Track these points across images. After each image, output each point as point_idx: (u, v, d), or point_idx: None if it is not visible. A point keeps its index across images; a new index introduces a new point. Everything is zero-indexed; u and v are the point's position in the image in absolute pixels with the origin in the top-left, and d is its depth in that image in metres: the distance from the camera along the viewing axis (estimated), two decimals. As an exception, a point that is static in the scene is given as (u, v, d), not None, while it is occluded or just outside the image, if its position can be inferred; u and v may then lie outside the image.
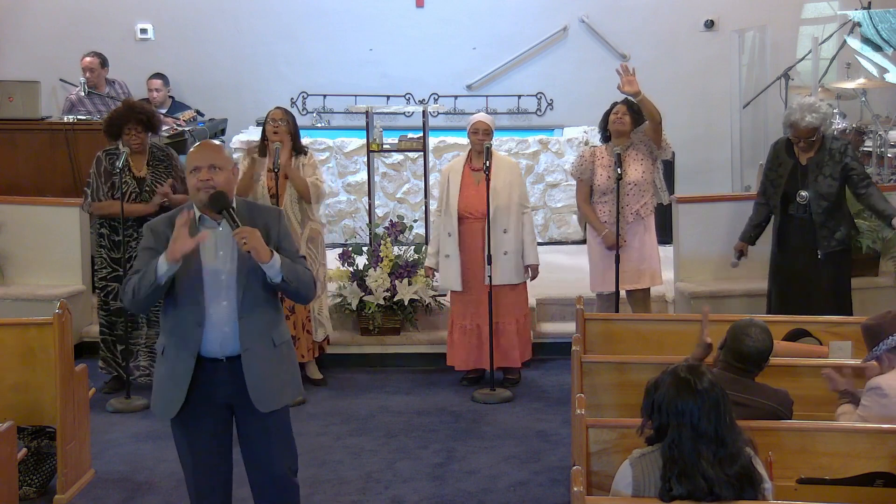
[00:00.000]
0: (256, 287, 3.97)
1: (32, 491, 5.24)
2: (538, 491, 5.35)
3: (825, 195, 6.25)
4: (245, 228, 3.86)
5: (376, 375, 7.19)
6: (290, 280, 3.95)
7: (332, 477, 5.49)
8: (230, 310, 3.95)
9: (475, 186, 6.73)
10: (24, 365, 5.29)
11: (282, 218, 4.13)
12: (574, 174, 6.95)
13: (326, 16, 10.59)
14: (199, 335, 3.94)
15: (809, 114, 6.15)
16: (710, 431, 3.36)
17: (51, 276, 7.45)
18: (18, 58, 10.32)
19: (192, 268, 3.94)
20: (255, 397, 3.97)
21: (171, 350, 4.02)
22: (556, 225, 9.69)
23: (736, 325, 4.34)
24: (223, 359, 3.98)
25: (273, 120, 6.70)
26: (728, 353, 4.28)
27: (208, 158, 3.97)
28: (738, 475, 3.35)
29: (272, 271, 3.91)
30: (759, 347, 4.26)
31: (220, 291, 3.96)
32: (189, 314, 3.95)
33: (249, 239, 3.83)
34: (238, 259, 3.96)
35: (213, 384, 3.98)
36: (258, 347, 3.98)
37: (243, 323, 3.95)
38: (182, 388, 3.95)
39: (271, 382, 4.01)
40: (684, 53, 10.49)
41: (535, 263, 6.79)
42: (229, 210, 3.89)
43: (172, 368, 3.99)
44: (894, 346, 4.39)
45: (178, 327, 3.99)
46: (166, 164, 6.68)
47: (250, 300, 3.96)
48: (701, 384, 3.42)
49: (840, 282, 6.36)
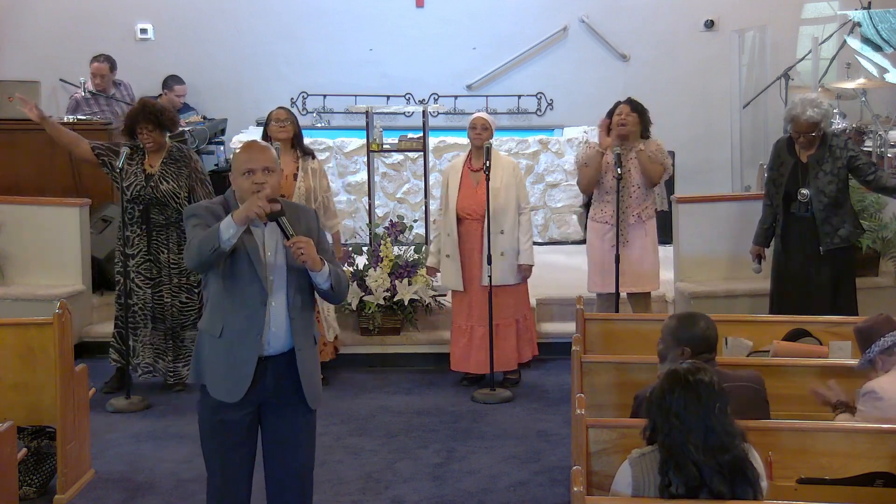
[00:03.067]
0: (304, 289, 4.04)
1: (32, 491, 5.24)
2: (538, 491, 5.35)
3: (826, 192, 6.25)
4: (301, 239, 3.88)
5: (376, 375, 7.19)
6: (335, 286, 4.02)
7: (332, 477, 5.49)
8: (279, 309, 3.98)
9: (473, 187, 6.73)
10: (24, 365, 5.29)
11: (318, 219, 4.20)
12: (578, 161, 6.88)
13: (326, 16, 10.60)
14: (264, 316, 3.92)
15: (811, 108, 6.15)
16: (696, 420, 3.37)
17: (51, 276, 7.45)
18: (18, 58, 10.32)
19: (246, 258, 3.92)
20: (309, 393, 4.03)
21: (230, 335, 3.96)
22: (556, 225, 9.70)
23: (681, 327, 4.25)
24: (269, 356, 3.99)
25: (278, 120, 6.69)
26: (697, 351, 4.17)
27: (262, 161, 3.95)
28: (730, 465, 3.36)
29: (321, 278, 3.97)
30: (714, 328, 4.25)
31: (271, 291, 3.98)
32: (252, 294, 3.93)
33: (306, 249, 3.86)
34: (286, 260, 3.98)
35: (260, 380, 3.98)
36: (306, 345, 4.05)
37: (294, 322, 3.99)
38: (249, 374, 3.94)
39: (317, 379, 4.12)
40: (684, 53, 10.49)
41: (527, 264, 6.75)
42: (282, 219, 3.87)
43: (236, 353, 3.96)
44: (887, 348, 4.40)
45: (239, 310, 3.94)
46: (180, 165, 6.65)
47: (299, 301, 4.02)
48: (689, 377, 3.44)
49: (843, 280, 6.36)
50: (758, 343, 5.23)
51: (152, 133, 6.58)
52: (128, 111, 6.99)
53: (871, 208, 7.39)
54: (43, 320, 5.35)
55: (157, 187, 6.56)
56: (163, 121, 6.64)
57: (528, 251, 6.75)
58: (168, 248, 6.61)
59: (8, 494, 4.39)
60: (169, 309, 6.65)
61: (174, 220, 6.58)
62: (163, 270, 6.61)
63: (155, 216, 6.59)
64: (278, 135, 6.67)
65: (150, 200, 6.55)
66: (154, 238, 6.58)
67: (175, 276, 6.62)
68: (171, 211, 6.57)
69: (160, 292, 6.62)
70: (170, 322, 6.66)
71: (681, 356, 4.18)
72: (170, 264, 6.59)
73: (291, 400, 4.04)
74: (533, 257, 6.81)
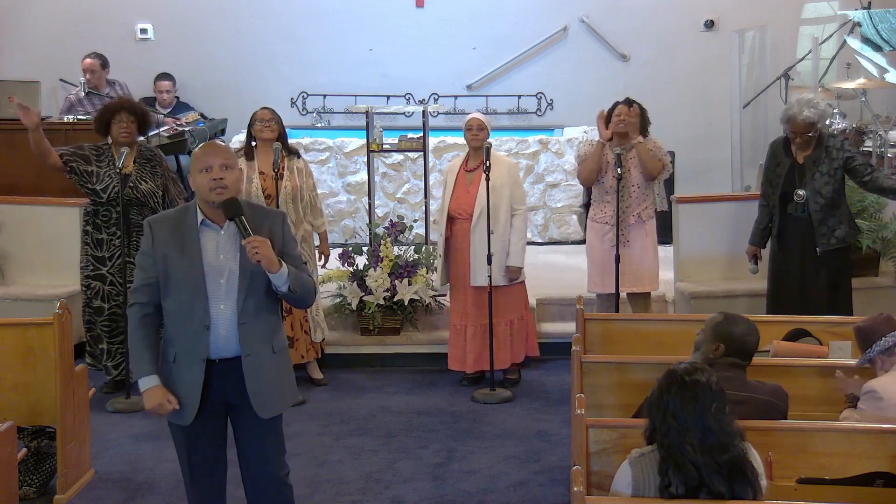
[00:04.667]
0: (259, 292, 3.95)
1: (32, 491, 5.24)
2: (538, 491, 5.34)
3: (822, 192, 6.25)
4: (256, 238, 3.82)
5: (376, 375, 7.19)
6: (296, 289, 3.93)
7: (332, 477, 5.49)
8: (230, 314, 3.92)
9: (466, 187, 6.74)
10: (24, 365, 5.29)
11: (285, 222, 4.09)
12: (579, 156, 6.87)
13: (326, 16, 10.60)
14: (207, 340, 3.91)
15: (807, 108, 6.15)
16: (693, 420, 3.37)
17: (51, 276, 7.46)
18: (18, 58, 10.32)
19: (195, 269, 3.91)
20: (256, 403, 3.97)
21: (179, 356, 3.97)
22: (556, 225, 9.69)
23: (724, 324, 4.27)
24: (221, 360, 3.96)
25: (262, 120, 6.63)
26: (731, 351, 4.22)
27: (219, 157, 3.92)
28: (729, 464, 3.36)
29: (279, 281, 3.90)
30: (757, 336, 4.27)
31: (219, 295, 3.92)
32: (194, 319, 3.91)
33: (261, 249, 3.81)
34: (241, 263, 3.92)
35: (211, 385, 3.97)
36: (258, 353, 3.96)
37: (244, 328, 3.93)
38: (196, 395, 3.94)
39: (271, 388, 4.01)
40: (684, 53, 10.49)
41: (515, 265, 6.68)
42: (241, 218, 3.85)
43: (182, 375, 3.97)
44: (887, 348, 4.40)
45: (182, 332, 3.95)
46: (154, 164, 6.63)
47: (252, 305, 3.93)
48: (686, 377, 3.45)
49: (840, 281, 6.35)
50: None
51: (132, 125, 6.51)
52: (101, 107, 6.88)
53: (871, 208, 7.40)
54: (43, 320, 5.35)
55: (136, 187, 6.51)
56: (146, 119, 6.62)
57: (517, 253, 6.69)
58: None
59: (8, 494, 4.39)
60: None
61: None
62: None
63: (134, 216, 6.53)
64: (263, 135, 6.62)
65: (129, 201, 6.50)
66: (134, 239, 6.51)
67: None
68: (149, 211, 6.53)
69: None
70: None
71: (714, 351, 4.23)
72: None
73: (246, 406, 3.99)
74: (522, 259, 6.74)
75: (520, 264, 6.73)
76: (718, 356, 4.21)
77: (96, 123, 6.63)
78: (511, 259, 6.67)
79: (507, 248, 6.66)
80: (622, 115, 6.63)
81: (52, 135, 8.12)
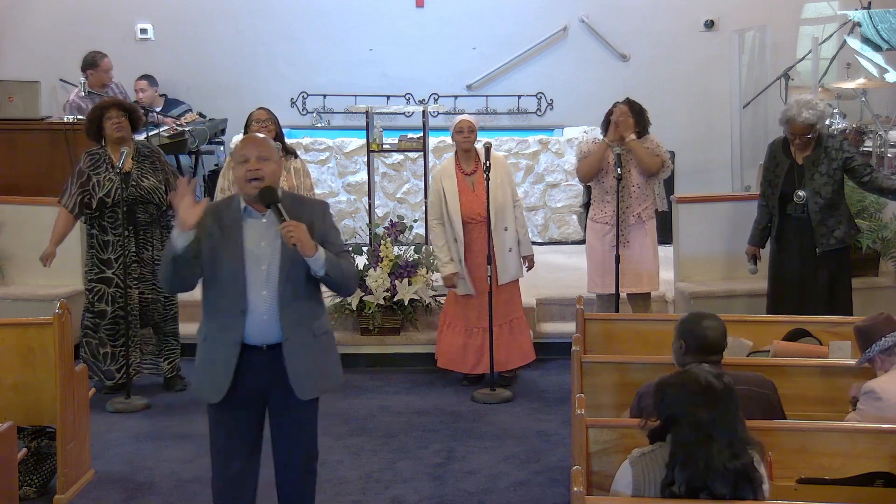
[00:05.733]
0: (299, 279, 4.08)
1: (32, 491, 5.24)
2: (538, 491, 5.34)
3: (822, 193, 6.25)
4: (291, 223, 3.96)
5: (376, 375, 7.19)
6: (334, 274, 4.06)
7: (332, 477, 5.49)
8: (270, 300, 4.04)
9: (472, 191, 6.72)
10: (24, 365, 5.29)
11: (327, 211, 4.24)
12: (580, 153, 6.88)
13: (326, 16, 10.60)
14: (243, 323, 4.03)
15: (806, 110, 6.15)
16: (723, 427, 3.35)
17: (51, 276, 7.43)
18: (18, 58, 10.32)
19: (235, 255, 4.05)
20: (295, 385, 4.09)
21: (214, 336, 4.11)
22: (556, 225, 9.70)
23: (688, 320, 4.23)
24: (263, 346, 4.07)
25: (258, 120, 6.63)
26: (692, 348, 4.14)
27: (256, 149, 4.07)
28: (739, 471, 3.35)
29: (316, 265, 4.02)
30: (721, 331, 4.19)
31: (260, 281, 4.05)
32: (231, 302, 4.04)
33: (296, 232, 3.94)
34: (281, 250, 4.05)
35: (251, 371, 4.08)
36: (298, 337, 4.09)
37: (284, 313, 4.05)
38: (228, 375, 4.05)
39: (311, 371, 4.14)
40: (684, 53, 10.50)
41: (530, 254, 6.83)
42: (277, 205, 3.99)
43: (217, 355, 4.09)
44: (887, 348, 4.40)
45: (220, 314, 4.08)
46: (153, 161, 6.62)
47: (290, 291, 4.06)
48: (714, 380, 3.42)
49: (839, 281, 6.35)
50: (758, 343, 5.24)
51: (123, 118, 6.48)
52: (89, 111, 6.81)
53: (871, 208, 7.40)
54: (43, 320, 5.35)
55: (139, 185, 6.50)
56: (131, 111, 6.60)
57: (528, 242, 6.85)
58: (152, 245, 6.57)
59: (8, 494, 4.39)
60: (154, 305, 6.64)
61: (156, 217, 6.57)
62: (146, 268, 6.57)
63: (140, 214, 6.54)
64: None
65: (134, 199, 6.49)
66: (141, 237, 6.54)
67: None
68: (153, 208, 6.55)
69: (145, 291, 6.62)
70: (155, 318, 6.66)
71: (679, 350, 4.18)
72: (153, 261, 6.55)
73: (286, 390, 4.11)
74: (532, 247, 6.89)
75: (532, 251, 6.88)
76: (681, 353, 4.15)
77: (88, 126, 6.60)
78: (526, 248, 6.80)
79: (519, 241, 6.76)
80: (619, 114, 6.65)
81: (52, 134, 8.16)
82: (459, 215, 6.71)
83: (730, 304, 7.10)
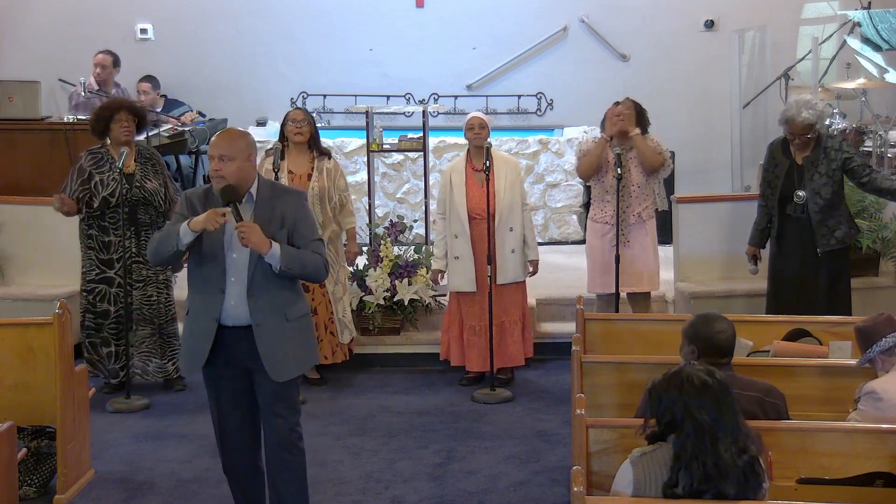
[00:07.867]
0: (268, 268, 4.27)
1: (32, 491, 5.24)
2: (538, 491, 5.34)
3: (821, 193, 6.25)
4: (245, 224, 4.19)
5: (376, 375, 7.19)
6: (291, 267, 4.27)
7: (332, 477, 5.49)
8: (240, 287, 4.29)
9: (479, 187, 6.71)
10: (24, 365, 5.29)
11: (302, 201, 4.43)
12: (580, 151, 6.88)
13: (326, 16, 10.59)
14: (221, 302, 4.28)
15: (806, 110, 6.15)
16: (728, 423, 3.36)
17: (51, 276, 7.46)
18: (18, 58, 10.31)
19: (217, 238, 4.28)
20: (269, 367, 4.29)
21: (197, 311, 4.36)
22: (556, 225, 9.70)
23: (698, 323, 4.24)
24: (239, 327, 4.30)
25: (294, 121, 6.70)
26: (703, 351, 4.16)
27: (219, 148, 4.27)
28: (748, 465, 3.36)
29: (272, 260, 4.24)
30: (731, 334, 4.22)
31: (231, 268, 4.30)
32: (211, 283, 4.30)
33: (248, 234, 4.17)
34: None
35: (231, 348, 4.32)
36: (270, 322, 4.29)
37: (252, 300, 4.28)
38: (205, 347, 4.30)
39: (284, 354, 4.32)
40: (684, 53, 10.49)
41: (536, 259, 6.82)
42: (235, 204, 4.21)
43: (197, 328, 4.35)
44: (888, 349, 4.40)
45: (202, 291, 4.34)
46: (154, 162, 6.65)
47: (260, 280, 4.28)
48: (707, 378, 3.42)
49: (839, 281, 6.36)
50: (758, 343, 5.24)
51: (133, 122, 6.50)
52: (98, 107, 6.77)
53: (871, 208, 7.39)
54: (43, 320, 5.36)
55: (142, 187, 6.51)
56: (141, 115, 6.62)
57: (535, 246, 6.84)
58: None
59: (8, 494, 4.39)
60: (156, 306, 6.64)
61: (156, 218, 6.57)
62: (148, 269, 6.58)
63: (142, 216, 6.54)
64: (295, 137, 6.66)
65: (136, 201, 6.50)
66: (142, 238, 6.53)
67: (160, 273, 6.61)
68: (153, 210, 6.55)
69: (147, 291, 6.62)
70: (158, 320, 6.66)
71: (690, 354, 4.20)
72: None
73: (262, 368, 4.31)
74: (538, 252, 6.88)
75: (538, 257, 6.87)
76: (695, 359, 4.14)
77: (95, 124, 6.58)
78: (533, 252, 6.78)
79: (525, 244, 6.75)
80: (617, 113, 6.64)
81: (52, 134, 8.16)
82: (465, 209, 6.71)
83: (730, 304, 7.10)
